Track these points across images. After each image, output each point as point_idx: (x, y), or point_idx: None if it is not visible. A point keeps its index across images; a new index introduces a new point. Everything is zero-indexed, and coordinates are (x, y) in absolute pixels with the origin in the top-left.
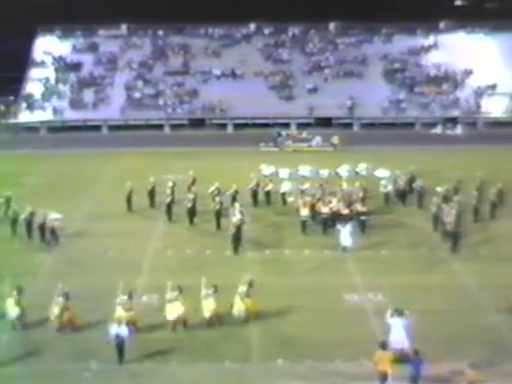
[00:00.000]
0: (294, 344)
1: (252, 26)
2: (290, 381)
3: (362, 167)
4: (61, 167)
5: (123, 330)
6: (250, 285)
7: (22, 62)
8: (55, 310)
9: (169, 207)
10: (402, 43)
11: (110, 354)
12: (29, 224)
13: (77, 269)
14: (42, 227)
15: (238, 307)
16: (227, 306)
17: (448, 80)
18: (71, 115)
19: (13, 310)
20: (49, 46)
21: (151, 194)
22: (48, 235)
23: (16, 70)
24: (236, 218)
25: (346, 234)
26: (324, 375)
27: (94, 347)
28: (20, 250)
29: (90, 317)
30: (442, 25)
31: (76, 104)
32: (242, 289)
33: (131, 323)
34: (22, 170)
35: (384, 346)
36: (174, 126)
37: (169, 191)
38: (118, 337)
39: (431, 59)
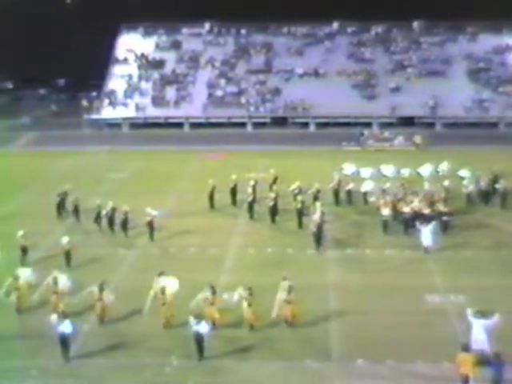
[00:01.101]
0: (375, 344)
1: (335, 25)
2: (370, 381)
3: (444, 167)
4: (143, 164)
5: (203, 327)
6: (290, 291)
7: (105, 58)
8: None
9: (250, 205)
10: (486, 42)
11: (190, 349)
12: (110, 219)
13: (158, 264)
14: (125, 223)
15: (278, 313)
16: (307, 306)
17: None
18: (153, 112)
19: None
20: (132, 44)
21: (233, 191)
22: (151, 230)
23: (99, 66)
24: (317, 216)
25: (427, 234)
26: (405, 376)
27: (174, 343)
28: (103, 245)
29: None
30: None
31: (158, 101)
32: (281, 295)
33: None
34: (106, 166)
35: (466, 348)
36: (256, 125)
37: (250, 189)
38: (197, 333)
39: None
